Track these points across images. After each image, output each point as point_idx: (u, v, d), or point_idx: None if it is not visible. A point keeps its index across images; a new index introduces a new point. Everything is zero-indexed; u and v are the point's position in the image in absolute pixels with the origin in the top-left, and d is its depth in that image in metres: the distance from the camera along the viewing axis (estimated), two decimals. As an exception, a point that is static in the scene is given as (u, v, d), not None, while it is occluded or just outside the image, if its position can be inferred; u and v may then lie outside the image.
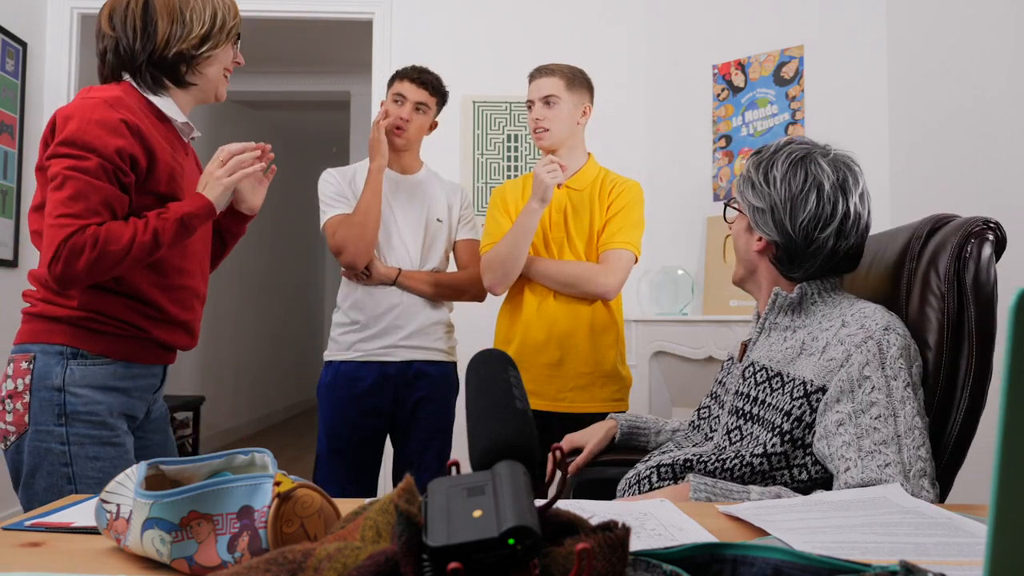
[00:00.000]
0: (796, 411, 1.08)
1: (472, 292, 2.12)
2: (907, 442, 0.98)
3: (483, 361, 0.58)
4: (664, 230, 3.17)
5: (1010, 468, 0.31)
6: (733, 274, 1.32)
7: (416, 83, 2.07)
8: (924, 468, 0.98)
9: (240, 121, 5.70)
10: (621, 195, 1.97)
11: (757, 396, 1.16)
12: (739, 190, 1.24)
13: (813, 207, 1.12)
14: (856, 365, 1.04)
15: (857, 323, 1.08)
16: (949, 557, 0.66)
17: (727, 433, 1.19)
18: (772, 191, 1.16)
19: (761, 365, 1.19)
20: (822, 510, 0.84)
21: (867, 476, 0.97)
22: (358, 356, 2.01)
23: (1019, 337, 0.30)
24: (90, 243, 1.24)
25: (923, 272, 1.12)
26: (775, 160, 1.17)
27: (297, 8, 3.49)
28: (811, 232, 1.13)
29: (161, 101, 1.42)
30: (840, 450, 1.01)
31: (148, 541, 0.66)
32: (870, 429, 1.00)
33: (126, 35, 1.38)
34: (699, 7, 3.29)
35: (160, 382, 1.49)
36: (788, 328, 1.19)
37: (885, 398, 1.01)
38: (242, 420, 5.86)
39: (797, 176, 1.14)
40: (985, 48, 2.33)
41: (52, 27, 3.39)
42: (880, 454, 0.98)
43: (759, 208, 1.17)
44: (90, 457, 1.32)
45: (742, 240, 1.25)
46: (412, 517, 0.42)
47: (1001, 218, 1.12)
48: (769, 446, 1.09)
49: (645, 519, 0.81)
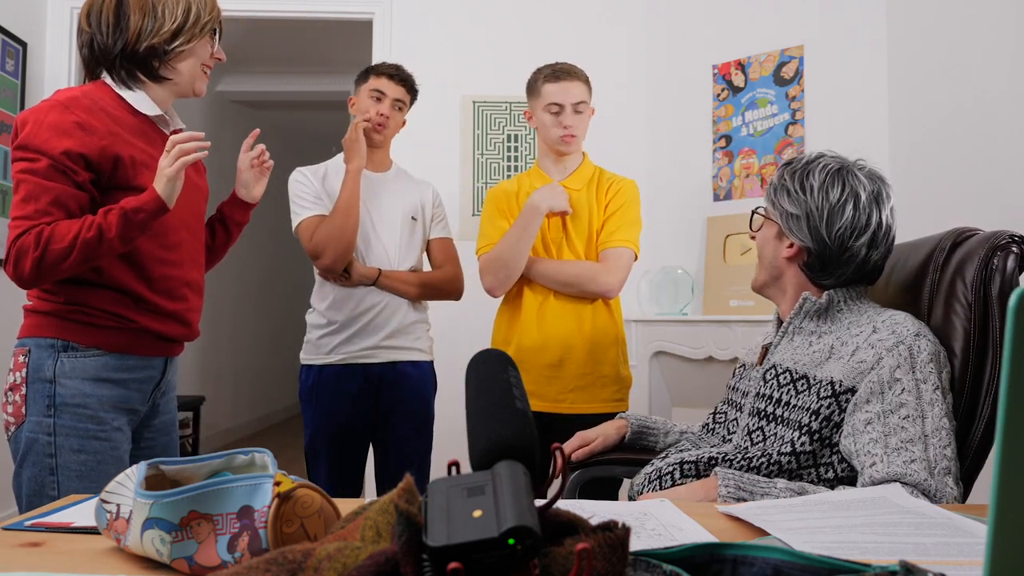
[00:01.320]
0: (824, 410, 1.11)
1: (451, 290, 2.11)
2: (933, 441, 1.01)
3: (483, 361, 0.58)
4: (664, 230, 3.17)
5: (1010, 468, 0.31)
6: (754, 279, 1.33)
7: (395, 80, 2.04)
8: (949, 467, 1.01)
9: (240, 121, 5.70)
10: (619, 194, 1.97)
11: (781, 398, 1.18)
12: (770, 198, 1.27)
13: (850, 216, 1.17)
14: (887, 368, 1.07)
15: (888, 329, 1.11)
16: (949, 557, 0.66)
17: (748, 434, 1.21)
18: (809, 199, 1.19)
19: (784, 367, 1.20)
20: (822, 510, 0.84)
21: (892, 471, 1.00)
22: (340, 360, 1.99)
23: (1019, 337, 0.30)
24: (33, 243, 1.26)
25: (948, 282, 1.16)
26: (811, 170, 1.21)
27: (297, 8, 3.48)
28: (846, 240, 1.17)
29: (134, 96, 1.43)
30: (867, 447, 1.04)
31: (148, 541, 0.66)
32: (898, 428, 1.03)
33: (100, 31, 1.40)
34: (699, 7, 3.29)
35: (161, 375, 1.49)
36: (814, 333, 1.21)
37: (915, 400, 1.04)
38: (242, 420, 5.86)
39: (836, 186, 1.19)
40: (985, 48, 2.33)
41: (52, 27, 3.39)
42: (906, 451, 1.01)
43: (794, 215, 1.21)
44: (74, 450, 1.34)
45: (770, 246, 1.27)
46: (412, 517, 0.42)
47: (1001, 218, 1.13)
48: (798, 444, 1.11)
49: (645, 519, 0.82)
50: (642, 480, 1.24)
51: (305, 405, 2.04)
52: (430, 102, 3.40)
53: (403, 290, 2.01)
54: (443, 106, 3.38)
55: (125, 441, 1.42)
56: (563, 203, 1.91)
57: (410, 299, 2.04)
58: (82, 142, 1.31)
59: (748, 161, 3.10)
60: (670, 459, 1.23)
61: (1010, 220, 2.18)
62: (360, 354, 1.98)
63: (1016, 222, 2.12)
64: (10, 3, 3.17)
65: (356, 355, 1.98)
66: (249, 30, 4.28)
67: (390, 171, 2.13)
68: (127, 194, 1.35)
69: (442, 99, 3.36)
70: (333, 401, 1.99)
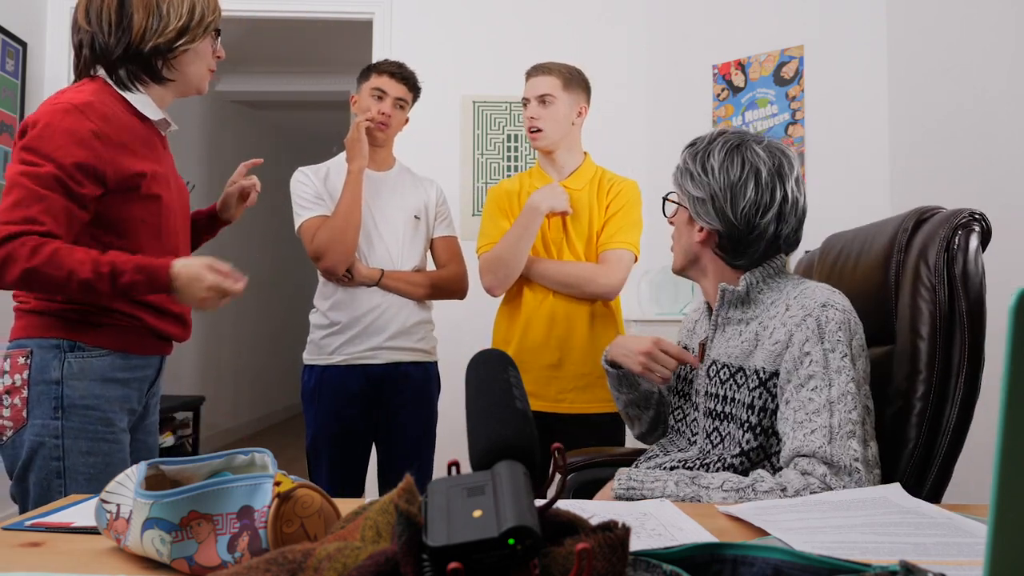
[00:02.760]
0: (758, 402, 1.11)
1: (456, 290, 2.11)
2: (839, 407, 1.01)
3: (483, 361, 0.58)
4: (664, 230, 3.16)
5: (1010, 468, 0.31)
6: (673, 264, 1.32)
7: (397, 78, 2.02)
8: (854, 430, 1.00)
9: (240, 121, 5.70)
10: (619, 195, 1.97)
11: (725, 394, 1.18)
12: (677, 182, 1.25)
13: (752, 193, 1.14)
14: (797, 344, 1.07)
15: (798, 304, 1.11)
16: (949, 557, 0.66)
17: (708, 436, 1.21)
18: (711, 180, 1.17)
19: (723, 363, 1.20)
20: (822, 510, 0.84)
21: (793, 446, 1.01)
22: (342, 360, 1.98)
23: (1019, 337, 0.30)
24: (27, 254, 1.20)
25: (913, 264, 1.15)
26: (711, 150, 1.18)
27: (297, 8, 3.48)
28: (752, 218, 1.15)
29: (136, 98, 1.40)
30: (784, 426, 1.05)
31: (148, 541, 0.66)
32: (806, 400, 1.04)
33: (102, 30, 1.36)
34: (699, 7, 3.29)
35: (156, 374, 1.49)
36: (740, 321, 1.20)
37: (822, 370, 1.04)
38: (242, 420, 5.86)
39: (735, 164, 1.16)
40: (985, 48, 2.33)
41: (52, 27, 3.39)
42: (810, 422, 1.01)
43: (699, 198, 1.19)
44: (83, 452, 1.31)
45: (684, 232, 1.26)
46: (412, 517, 0.42)
47: (1001, 217, 1.13)
48: (744, 443, 1.11)
49: (645, 519, 0.82)
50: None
51: (307, 405, 2.03)
52: (430, 102, 3.39)
53: (407, 290, 2.00)
54: (443, 106, 3.37)
55: (127, 443, 1.41)
56: (563, 203, 1.91)
57: (415, 299, 2.03)
58: (97, 155, 1.27)
59: (748, 161, 3.10)
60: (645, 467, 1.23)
61: (1010, 220, 2.18)
62: (363, 355, 1.98)
63: (1016, 222, 2.12)
64: (10, 3, 3.17)
65: (359, 356, 1.98)
66: (249, 30, 4.28)
67: (393, 169, 2.12)
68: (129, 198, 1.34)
69: (442, 99, 3.36)
70: (335, 402, 1.98)
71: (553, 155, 1.98)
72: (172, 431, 3.89)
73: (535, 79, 1.96)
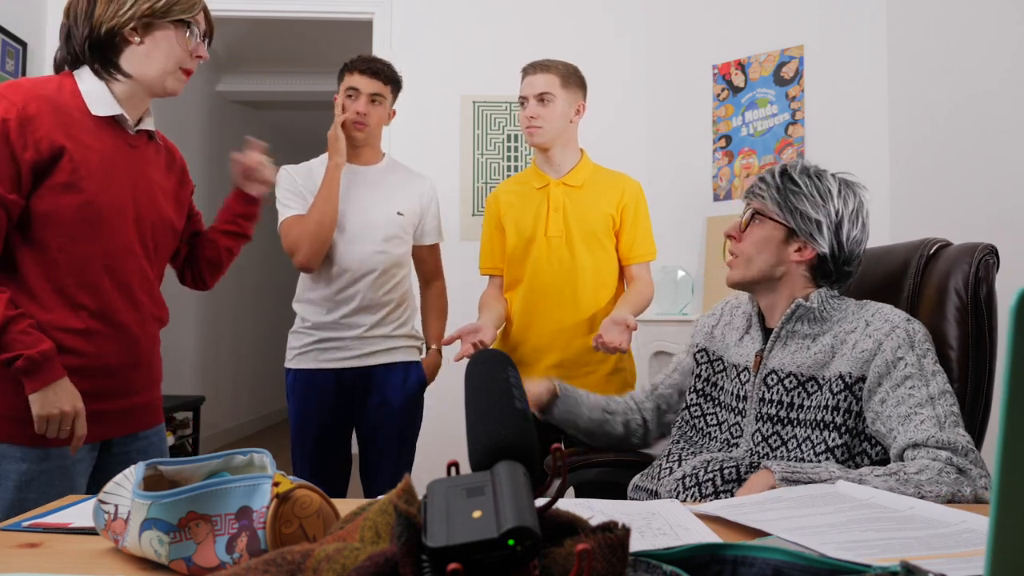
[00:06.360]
0: (843, 403, 1.15)
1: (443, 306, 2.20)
2: (940, 402, 1.08)
3: (483, 361, 0.58)
4: (664, 230, 3.15)
5: (1010, 468, 0.31)
6: (740, 275, 1.31)
7: (367, 74, 1.99)
8: (957, 420, 1.07)
9: (240, 121, 5.69)
10: (631, 203, 1.97)
11: (792, 401, 1.20)
12: (775, 200, 1.26)
13: (860, 226, 1.24)
14: (889, 350, 1.13)
15: (881, 319, 1.18)
16: (951, 550, 0.66)
17: (764, 439, 1.21)
18: (830, 205, 1.23)
19: (787, 372, 1.22)
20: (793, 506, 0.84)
21: (909, 437, 1.05)
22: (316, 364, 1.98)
23: (1019, 337, 0.30)
24: None
25: (937, 288, 1.23)
26: (822, 175, 1.26)
27: (297, 8, 3.48)
28: (854, 248, 1.24)
29: (94, 91, 1.34)
30: (887, 423, 1.10)
31: (146, 542, 0.66)
32: (906, 396, 1.09)
33: (76, 23, 1.34)
34: (699, 7, 3.29)
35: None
36: (808, 336, 1.23)
37: (918, 371, 1.11)
38: (242, 420, 5.86)
39: (852, 196, 1.24)
40: (985, 48, 2.33)
41: (52, 27, 3.38)
42: (917, 415, 1.07)
43: (816, 220, 1.23)
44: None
45: (774, 248, 1.26)
46: (411, 518, 0.42)
47: (1000, 218, 1.14)
48: (830, 441, 1.14)
49: (652, 518, 0.82)
50: (675, 487, 1.20)
51: (288, 402, 2.05)
52: (430, 102, 3.40)
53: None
54: (443, 106, 3.37)
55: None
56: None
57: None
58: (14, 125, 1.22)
59: (748, 161, 3.10)
60: (707, 466, 1.19)
61: (1009, 220, 2.18)
62: (337, 357, 1.98)
63: (1015, 222, 2.12)
64: (10, 3, 3.17)
65: (333, 359, 1.98)
66: (249, 30, 4.28)
67: (379, 164, 2.10)
68: (60, 193, 1.27)
69: (442, 99, 3.36)
70: (309, 403, 1.99)
71: (550, 153, 1.98)
72: (172, 431, 3.90)
73: (532, 77, 1.95)
